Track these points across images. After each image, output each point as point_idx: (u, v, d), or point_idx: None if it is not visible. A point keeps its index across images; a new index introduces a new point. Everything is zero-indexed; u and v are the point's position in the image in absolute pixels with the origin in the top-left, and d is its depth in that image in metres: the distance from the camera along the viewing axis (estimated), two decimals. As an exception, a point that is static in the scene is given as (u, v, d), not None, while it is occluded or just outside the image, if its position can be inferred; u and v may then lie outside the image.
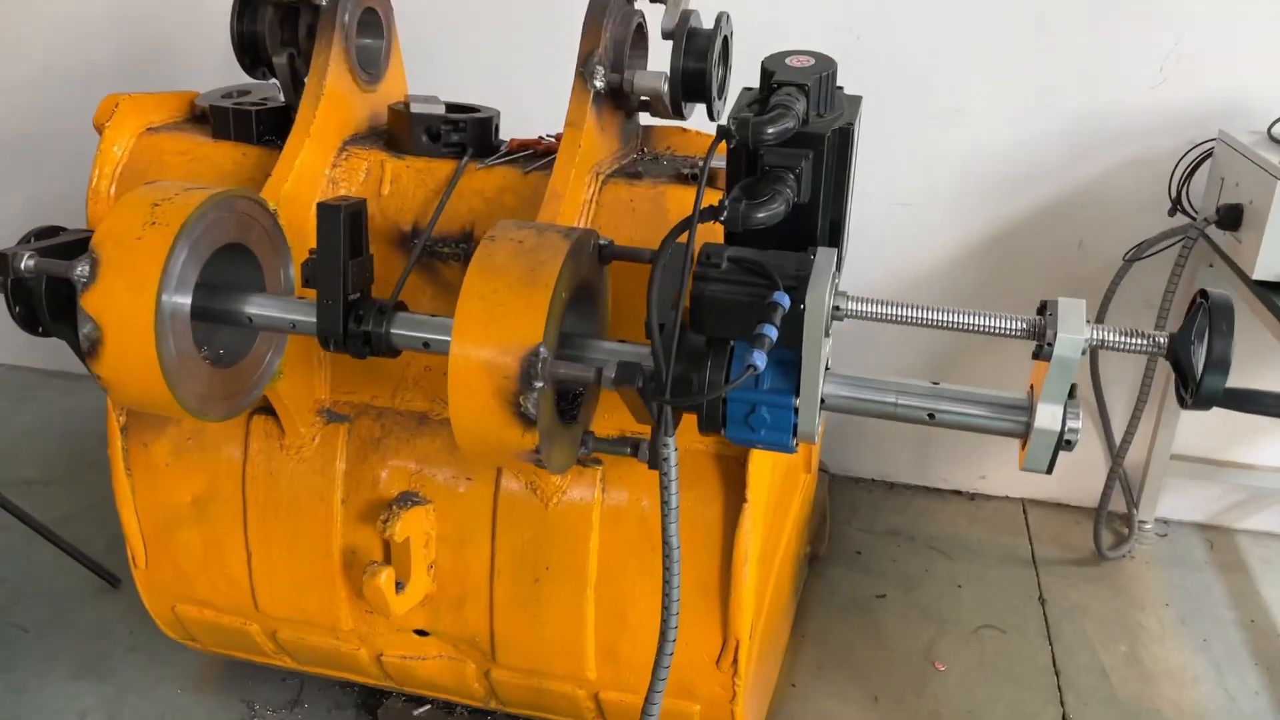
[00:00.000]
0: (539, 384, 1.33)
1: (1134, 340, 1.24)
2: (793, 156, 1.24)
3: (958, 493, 3.19)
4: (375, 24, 1.92)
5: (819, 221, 1.30)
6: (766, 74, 1.26)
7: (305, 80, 1.80)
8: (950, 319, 1.26)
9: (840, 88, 1.37)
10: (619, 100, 1.76)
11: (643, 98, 1.74)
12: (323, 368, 1.86)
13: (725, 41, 1.77)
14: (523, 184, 1.76)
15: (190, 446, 1.92)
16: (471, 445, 1.41)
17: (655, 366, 1.28)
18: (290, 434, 1.85)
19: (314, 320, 1.52)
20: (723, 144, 1.24)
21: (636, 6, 1.78)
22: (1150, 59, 2.67)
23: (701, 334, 1.31)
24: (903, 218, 2.94)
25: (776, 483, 1.93)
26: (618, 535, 1.78)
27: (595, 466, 1.77)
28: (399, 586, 1.81)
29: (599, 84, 1.68)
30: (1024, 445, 1.35)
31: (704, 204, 1.22)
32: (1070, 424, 1.30)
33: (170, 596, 2.05)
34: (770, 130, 1.18)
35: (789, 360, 1.31)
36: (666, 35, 1.70)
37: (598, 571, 1.79)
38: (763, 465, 1.71)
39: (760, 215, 1.20)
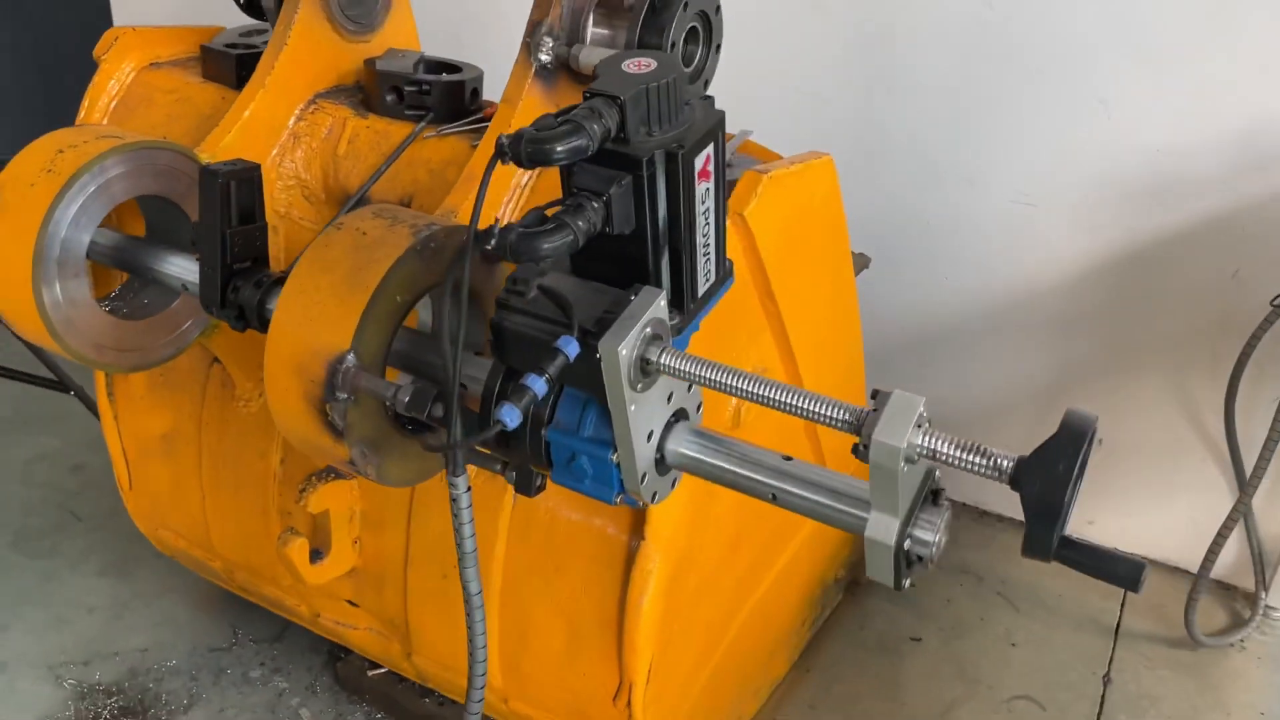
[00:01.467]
0: (342, 395, 1.22)
1: (972, 458, 0.97)
2: (603, 178, 1.04)
3: (1058, 534, 2.81)
4: (373, -32, 1.82)
5: (648, 256, 1.09)
6: (593, 79, 1.05)
7: (282, 27, 1.74)
8: (769, 394, 1.04)
9: (709, 98, 1.14)
10: (579, 78, 1.58)
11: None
12: (278, 325, 1.82)
13: (705, 18, 1.54)
14: (469, 157, 1.63)
15: (160, 384, 1.95)
16: (295, 442, 1.33)
17: (446, 401, 1.13)
18: (239, 386, 1.84)
19: (199, 285, 1.47)
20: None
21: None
22: (1348, 60, 2.16)
23: (504, 363, 1.15)
24: (1026, 219, 2.56)
25: (725, 511, 1.73)
26: (524, 549, 1.65)
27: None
28: (317, 555, 1.77)
29: (544, 57, 1.51)
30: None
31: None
32: (920, 535, 1.05)
33: (152, 521, 2.12)
34: (559, 149, 0.99)
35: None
36: (627, 7, 1.50)
37: (501, 583, 1.67)
38: (673, 501, 1.52)
39: (543, 246, 1.01)
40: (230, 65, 1.81)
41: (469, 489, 1.16)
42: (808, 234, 1.67)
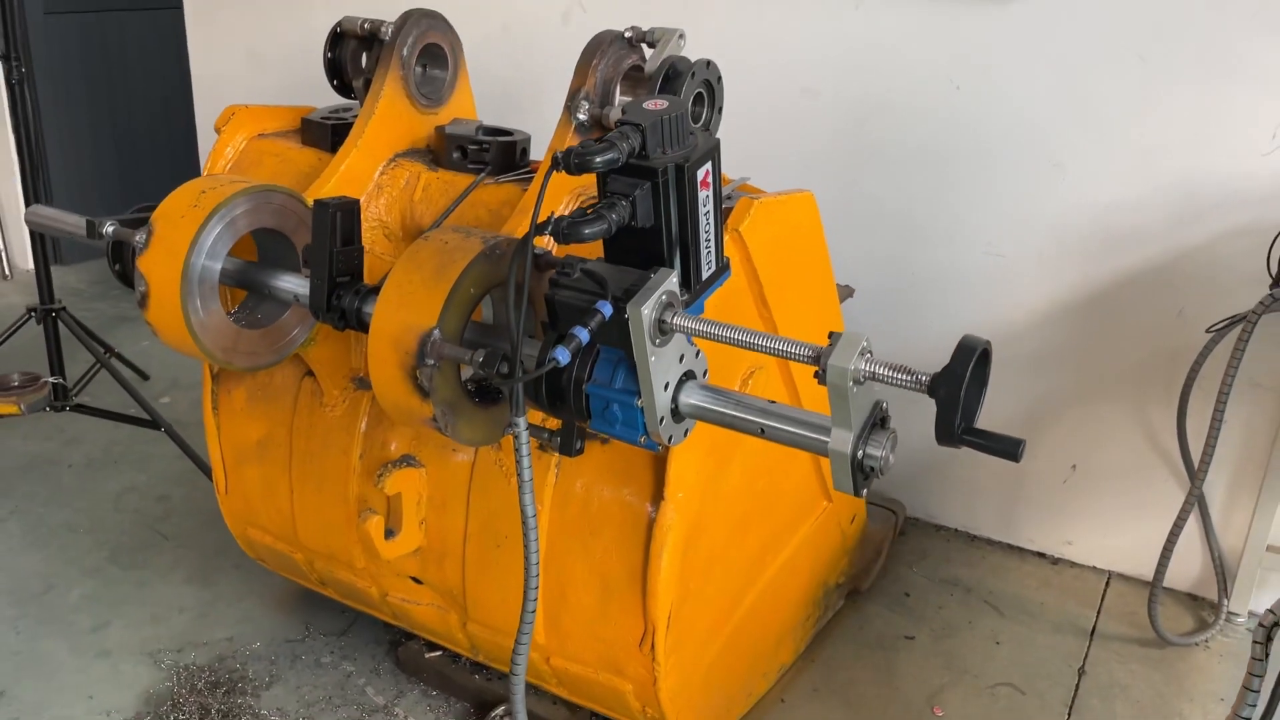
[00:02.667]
0: (430, 361, 1.58)
1: (900, 375, 1.32)
2: (629, 185, 1.42)
3: (1041, 555, 3.10)
4: (442, 57, 2.25)
5: (664, 245, 1.47)
6: (622, 113, 1.45)
7: (371, 101, 2.16)
8: (751, 340, 1.40)
9: (709, 132, 1.53)
10: (608, 131, 1.97)
11: (626, 130, 1.95)
12: (360, 342, 2.20)
13: (709, 85, 1.95)
14: (520, 198, 2.03)
15: (259, 396, 2.32)
16: (389, 407, 1.69)
17: (511, 354, 1.50)
18: (327, 394, 2.21)
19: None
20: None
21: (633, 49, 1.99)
22: (1262, 125, 2.54)
23: (555, 331, 1.52)
24: (997, 268, 2.93)
25: (734, 491, 2.07)
26: (564, 517, 1.99)
27: (553, 452, 1.99)
28: (390, 534, 2.11)
29: (581, 116, 1.92)
30: (842, 467, 1.44)
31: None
32: (871, 451, 1.39)
33: (243, 521, 2.47)
34: (598, 159, 1.38)
35: (643, 364, 1.49)
36: (647, 77, 1.91)
37: (545, 548, 2.00)
38: (686, 465, 1.86)
39: (586, 231, 1.39)
40: (326, 133, 2.23)
41: (527, 426, 1.51)
42: (794, 253, 2.05)
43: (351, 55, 2.24)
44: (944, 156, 2.89)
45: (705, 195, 1.49)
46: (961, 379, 1.24)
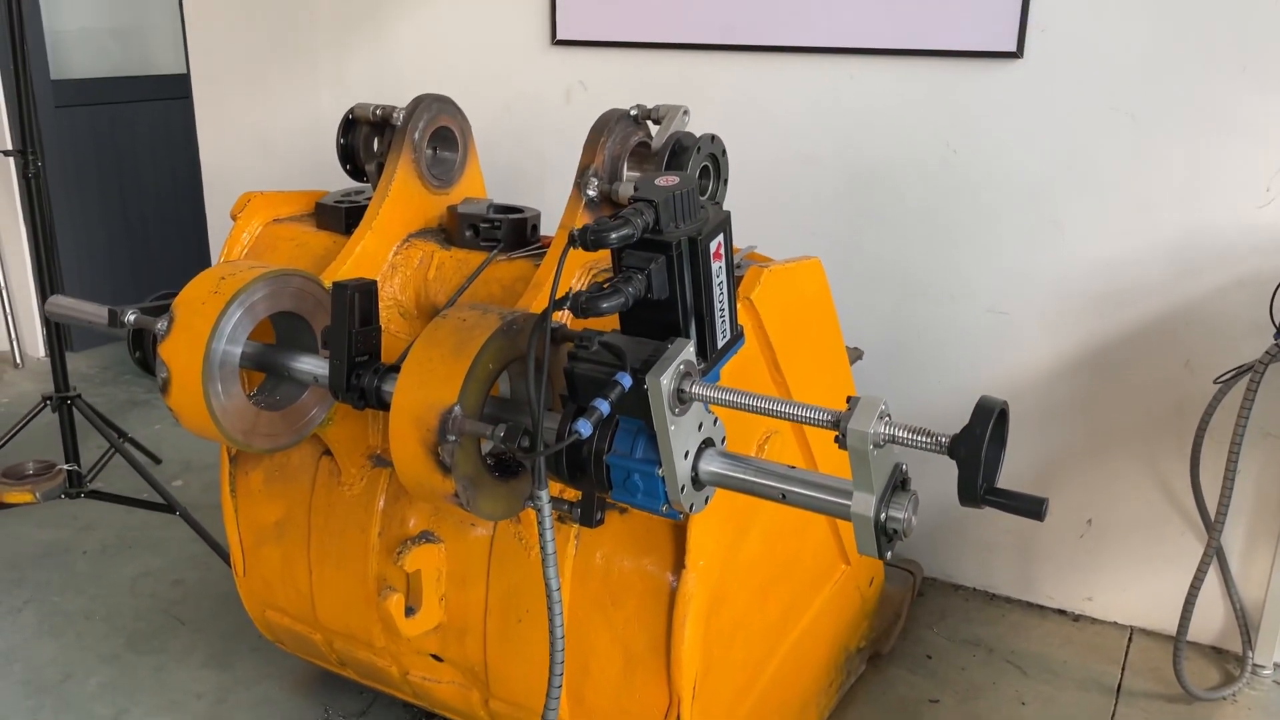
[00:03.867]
0: (451, 437, 1.60)
1: (920, 438, 1.33)
2: (643, 259, 1.46)
3: (1061, 612, 3.09)
4: (452, 139, 2.30)
5: (679, 316, 1.50)
6: (634, 189, 1.49)
7: (383, 184, 2.21)
8: (770, 407, 1.42)
9: (717, 204, 1.57)
10: (618, 207, 2.02)
11: (635, 205, 1.99)
12: (377, 420, 2.22)
13: (715, 158, 2.00)
14: (534, 274, 2.06)
15: (277, 477, 2.33)
16: (410, 484, 1.70)
17: (532, 429, 1.52)
18: (345, 473, 2.22)
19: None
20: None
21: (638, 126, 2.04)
22: (1256, 177, 2.59)
23: (575, 403, 1.54)
24: (1003, 326, 2.96)
25: (754, 558, 2.07)
26: (585, 589, 1.99)
27: (572, 523, 2.00)
28: (410, 611, 2.11)
29: (591, 193, 1.96)
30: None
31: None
32: (893, 513, 1.40)
33: (262, 603, 2.46)
34: (613, 235, 1.41)
35: (662, 434, 1.51)
36: (654, 153, 1.96)
37: (567, 620, 2.00)
38: (706, 533, 1.87)
39: (603, 305, 1.42)
40: (340, 216, 2.28)
41: (549, 499, 1.52)
42: (804, 318, 2.08)
43: (364, 140, 2.29)
44: (944, 217, 2.94)
45: (718, 266, 1.52)
46: (982, 439, 1.26)
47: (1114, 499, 2.95)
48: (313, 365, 1.95)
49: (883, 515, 1.40)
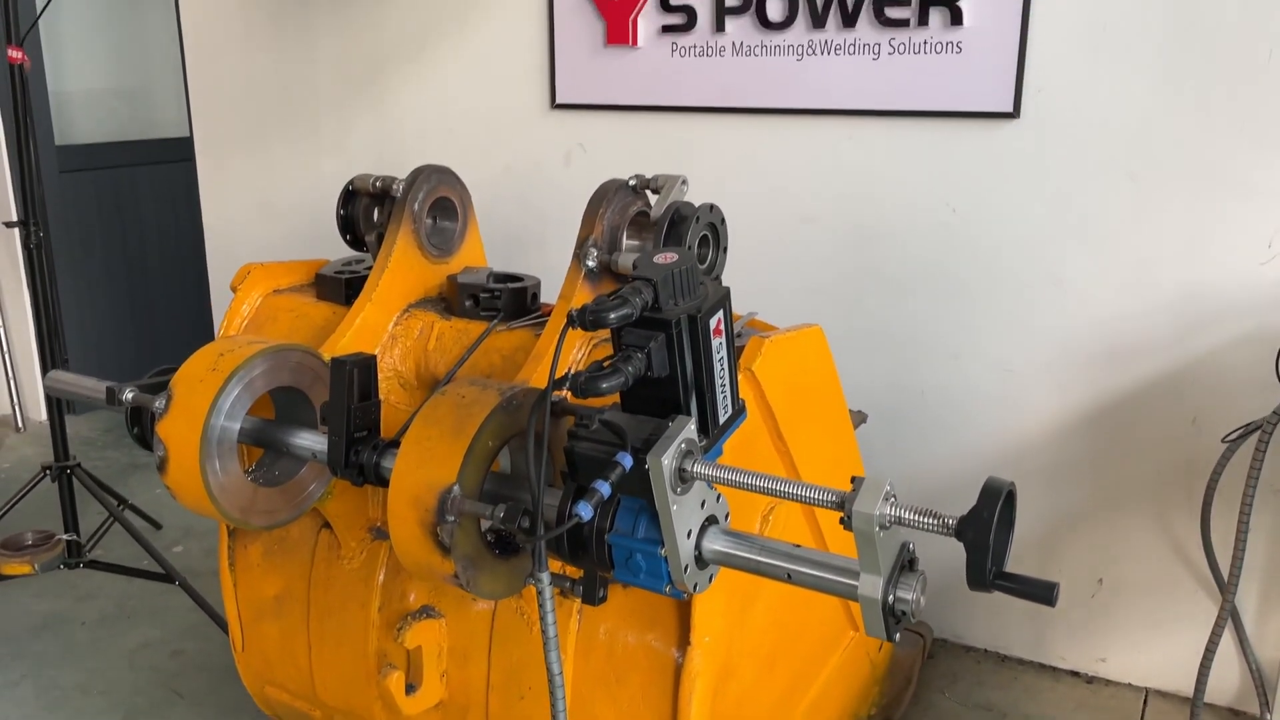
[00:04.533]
0: (450, 518, 1.58)
1: (926, 519, 1.31)
2: (643, 336, 1.44)
3: (1075, 674, 3.03)
4: (452, 209, 2.30)
5: (680, 393, 1.48)
6: (628, 277, 1.48)
7: (382, 255, 2.20)
8: (773, 486, 1.39)
9: (717, 278, 1.56)
10: (618, 278, 2.01)
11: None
12: (377, 493, 2.20)
13: (714, 228, 1.99)
14: (534, 344, 2.05)
15: (276, 550, 2.31)
16: (409, 564, 1.68)
17: (533, 510, 1.49)
18: (345, 546, 2.19)
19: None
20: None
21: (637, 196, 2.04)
22: (1258, 235, 2.58)
23: (575, 481, 1.52)
24: (1006, 383, 2.95)
25: (761, 629, 2.03)
26: (588, 666, 1.95)
27: (574, 598, 1.97)
28: (411, 689, 2.07)
29: (590, 263, 1.96)
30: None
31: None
32: (901, 594, 1.37)
33: (260, 679, 2.42)
34: (612, 316, 1.40)
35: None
36: (653, 222, 1.95)
37: (570, 697, 1.96)
38: (712, 607, 1.84)
39: (603, 385, 1.41)
40: (340, 287, 2.27)
41: (550, 582, 1.50)
42: (807, 387, 2.06)
43: (364, 211, 2.30)
44: (944, 276, 2.94)
45: (719, 343, 1.51)
46: (989, 523, 1.23)
47: (1125, 558, 2.92)
48: (311, 441, 1.93)
49: (890, 597, 1.37)
